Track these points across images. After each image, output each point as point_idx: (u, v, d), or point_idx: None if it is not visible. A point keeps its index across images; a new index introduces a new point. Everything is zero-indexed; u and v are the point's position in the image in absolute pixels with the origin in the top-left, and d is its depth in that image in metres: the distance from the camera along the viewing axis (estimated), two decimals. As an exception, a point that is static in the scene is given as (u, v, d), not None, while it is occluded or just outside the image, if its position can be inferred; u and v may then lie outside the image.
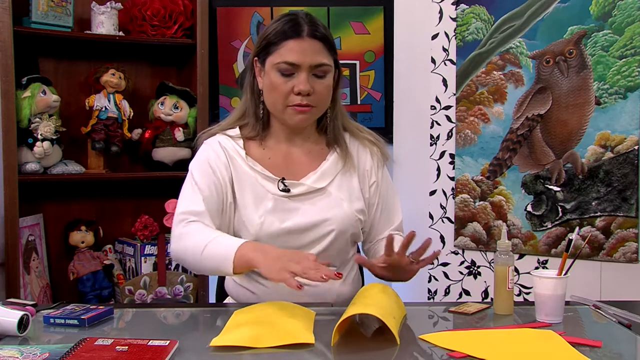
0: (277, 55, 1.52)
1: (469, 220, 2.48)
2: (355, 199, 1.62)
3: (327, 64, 1.53)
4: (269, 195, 1.57)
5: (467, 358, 1.14)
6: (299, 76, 1.51)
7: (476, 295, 2.49)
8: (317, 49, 1.52)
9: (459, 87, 2.50)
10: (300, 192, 1.59)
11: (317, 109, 1.56)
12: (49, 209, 2.56)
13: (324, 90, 1.54)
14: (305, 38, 1.51)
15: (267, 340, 1.19)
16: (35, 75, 2.35)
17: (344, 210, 1.58)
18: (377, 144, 1.69)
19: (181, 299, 2.53)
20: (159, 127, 2.57)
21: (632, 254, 2.14)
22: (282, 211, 1.56)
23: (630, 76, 2.13)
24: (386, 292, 1.40)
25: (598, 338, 1.24)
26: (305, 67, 1.51)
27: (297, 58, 1.50)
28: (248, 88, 1.63)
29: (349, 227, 1.59)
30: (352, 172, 1.64)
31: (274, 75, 1.53)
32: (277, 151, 1.63)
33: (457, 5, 2.50)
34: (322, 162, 1.63)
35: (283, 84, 1.52)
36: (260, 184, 1.58)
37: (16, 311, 1.26)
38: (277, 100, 1.54)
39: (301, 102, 1.52)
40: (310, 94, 1.52)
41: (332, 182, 1.61)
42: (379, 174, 1.67)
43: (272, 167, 1.60)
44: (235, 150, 1.60)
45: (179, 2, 2.57)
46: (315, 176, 1.61)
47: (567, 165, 2.26)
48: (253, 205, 1.57)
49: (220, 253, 1.42)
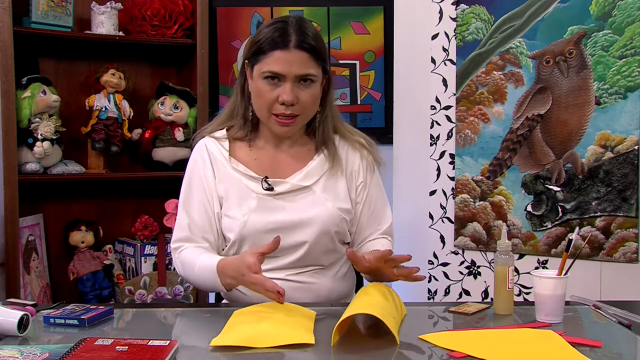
0: (264, 64, 1.53)
1: (469, 220, 2.48)
2: (341, 200, 1.63)
3: (313, 74, 1.54)
4: (252, 194, 1.59)
5: (467, 358, 1.14)
6: (284, 86, 1.52)
7: (476, 295, 2.49)
8: (304, 60, 1.53)
9: (459, 87, 2.50)
10: (284, 190, 1.60)
11: (302, 117, 1.58)
12: (49, 209, 2.56)
13: (309, 99, 1.55)
14: (292, 49, 1.51)
15: (267, 340, 1.20)
16: (35, 75, 2.35)
17: (327, 208, 1.59)
18: (367, 148, 1.69)
19: (181, 299, 2.53)
20: (159, 127, 2.57)
21: (632, 254, 2.14)
22: (266, 209, 1.58)
23: (630, 76, 2.13)
24: (386, 292, 1.40)
25: (598, 338, 1.24)
26: (291, 77, 1.52)
27: (282, 69, 1.52)
28: (239, 89, 1.65)
29: (333, 225, 1.59)
30: (340, 174, 1.65)
31: (260, 83, 1.54)
32: (264, 152, 1.65)
33: (457, 5, 2.50)
34: (308, 162, 1.64)
35: (268, 92, 1.53)
36: (245, 185, 1.60)
37: (16, 311, 1.26)
38: (262, 107, 1.57)
39: (285, 111, 1.54)
40: (294, 104, 1.53)
41: (317, 182, 1.62)
42: (367, 176, 1.68)
43: (257, 168, 1.62)
44: (220, 152, 1.64)
45: (179, 2, 2.57)
46: (300, 175, 1.62)
47: (567, 165, 2.26)
48: (237, 205, 1.59)
49: (208, 278, 1.51)
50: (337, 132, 1.69)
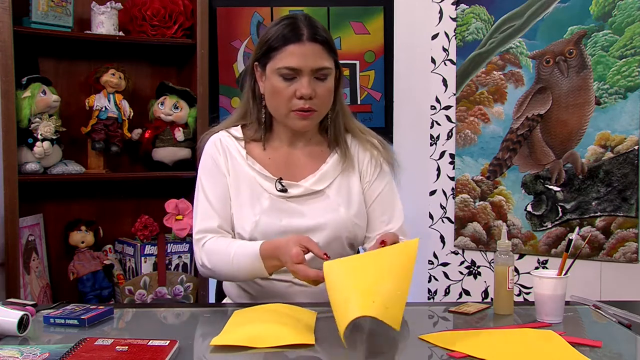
0: (278, 60, 1.52)
1: (469, 220, 2.48)
2: (355, 202, 1.62)
3: (328, 67, 1.53)
4: (265, 194, 1.58)
5: (467, 358, 1.14)
6: (300, 80, 1.51)
7: (476, 295, 2.49)
8: (318, 52, 1.52)
9: (459, 87, 2.50)
10: (298, 193, 1.59)
11: (319, 112, 1.57)
12: (49, 209, 2.56)
13: (325, 92, 1.55)
14: (306, 42, 1.51)
15: (267, 340, 1.19)
16: (35, 75, 2.35)
17: (340, 215, 1.58)
18: (378, 148, 1.67)
19: (181, 299, 2.53)
20: (159, 127, 2.57)
21: (632, 254, 2.14)
22: (278, 211, 1.57)
23: (630, 76, 2.13)
24: (384, 263, 1.30)
25: (598, 338, 1.24)
26: (307, 71, 1.51)
27: (298, 63, 1.50)
28: (250, 92, 1.63)
29: (344, 231, 1.58)
30: (352, 172, 1.64)
31: (275, 80, 1.53)
32: (278, 153, 1.64)
33: (457, 5, 2.50)
34: (321, 165, 1.63)
35: (285, 89, 1.52)
36: (259, 183, 1.59)
37: (16, 311, 1.26)
38: (280, 105, 1.55)
39: (303, 106, 1.52)
40: (312, 98, 1.52)
41: (331, 185, 1.61)
42: (374, 174, 1.66)
43: (272, 167, 1.61)
44: (237, 149, 1.62)
45: (179, 2, 2.57)
46: (314, 179, 1.61)
47: (567, 165, 2.26)
48: (249, 203, 1.58)
49: (248, 264, 1.49)
50: (349, 130, 1.68)
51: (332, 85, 1.57)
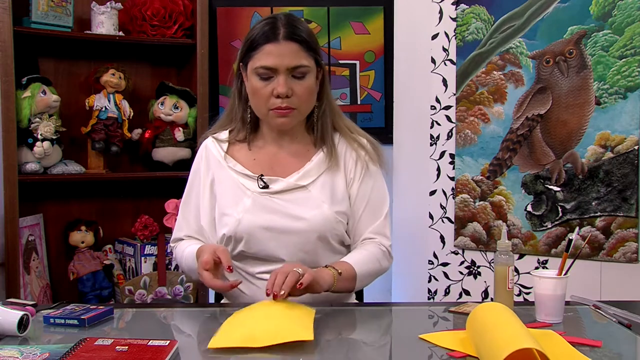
0: (255, 60, 1.54)
1: (469, 220, 2.48)
2: (338, 200, 1.61)
3: (305, 65, 1.54)
4: (247, 192, 1.60)
5: (467, 358, 1.14)
6: (277, 79, 1.53)
7: (476, 295, 2.49)
8: (295, 51, 1.53)
9: (459, 87, 2.50)
10: (280, 188, 1.60)
11: (299, 110, 1.58)
12: (49, 209, 2.56)
13: (303, 91, 1.56)
14: (282, 41, 1.52)
15: (265, 339, 1.18)
16: (35, 75, 2.35)
17: (323, 212, 1.58)
18: (366, 149, 1.67)
19: (181, 299, 2.53)
20: (159, 127, 2.57)
21: (632, 254, 2.14)
22: (261, 208, 1.58)
23: (630, 76, 2.13)
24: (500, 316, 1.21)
25: (598, 338, 1.24)
26: (283, 69, 1.52)
27: (273, 62, 1.52)
28: (236, 93, 1.67)
29: (329, 228, 1.58)
30: (337, 171, 1.64)
31: (254, 80, 1.55)
32: (263, 152, 1.66)
33: (457, 5, 2.50)
34: (306, 163, 1.64)
35: (263, 88, 1.54)
36: (241, 184, 1.62)
37: (16, 311, 1.26)
38: (259, 104, 1.57)
39: (281, 104, 1.54)
40: (289, 96, 1.54)
41: (315, 181, 1.61)
42: (359, 173, 1.65)
43: (255, 167, 1.63)
44: (219, 153, 1.66)
45: (179, 2, 2.57)
46: (298, 175, 1.62)
47: (567, 165, 2.26)
48: (232, 204, 1.60)
49: (191, 264, 1.59)
50: (337, 129, 1.68)
51: (312, 84, 1.58)
